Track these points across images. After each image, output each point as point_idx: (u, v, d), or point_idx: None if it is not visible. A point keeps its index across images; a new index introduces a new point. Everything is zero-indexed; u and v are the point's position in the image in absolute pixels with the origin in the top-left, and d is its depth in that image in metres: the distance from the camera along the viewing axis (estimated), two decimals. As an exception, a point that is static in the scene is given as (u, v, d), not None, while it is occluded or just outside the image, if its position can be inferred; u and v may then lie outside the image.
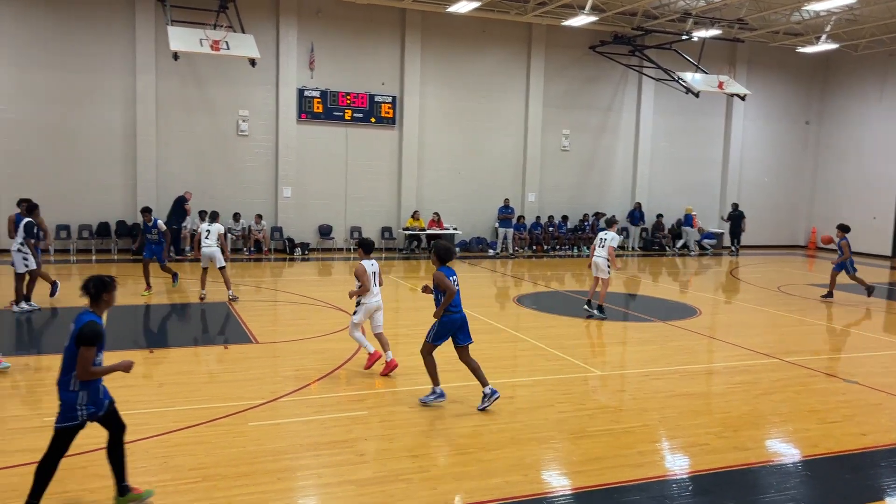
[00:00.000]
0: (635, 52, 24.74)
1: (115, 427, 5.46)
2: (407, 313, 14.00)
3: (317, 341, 10.80)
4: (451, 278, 7.76)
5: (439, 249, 7.93)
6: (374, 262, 9.16)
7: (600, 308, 13.16)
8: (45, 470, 5.13)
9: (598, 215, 25.41)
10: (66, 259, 18.84)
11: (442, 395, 8.03)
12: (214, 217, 14.14)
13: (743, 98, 24.05)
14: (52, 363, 9.13)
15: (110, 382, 5.62)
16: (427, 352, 7.90)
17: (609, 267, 12.96)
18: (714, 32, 22.84)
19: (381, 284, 9.16)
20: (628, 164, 26.47)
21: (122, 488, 5.39)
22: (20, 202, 12.77)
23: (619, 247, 14.15)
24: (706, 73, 23.34)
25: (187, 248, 20.01)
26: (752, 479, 6.43)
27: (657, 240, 26.01)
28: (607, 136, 26.08)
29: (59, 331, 11.26)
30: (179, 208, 19.87)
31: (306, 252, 21.50)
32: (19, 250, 11.98)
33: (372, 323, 9.12)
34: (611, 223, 14.08)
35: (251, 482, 5.88)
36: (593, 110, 25.70)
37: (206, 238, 13.55)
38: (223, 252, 13.61)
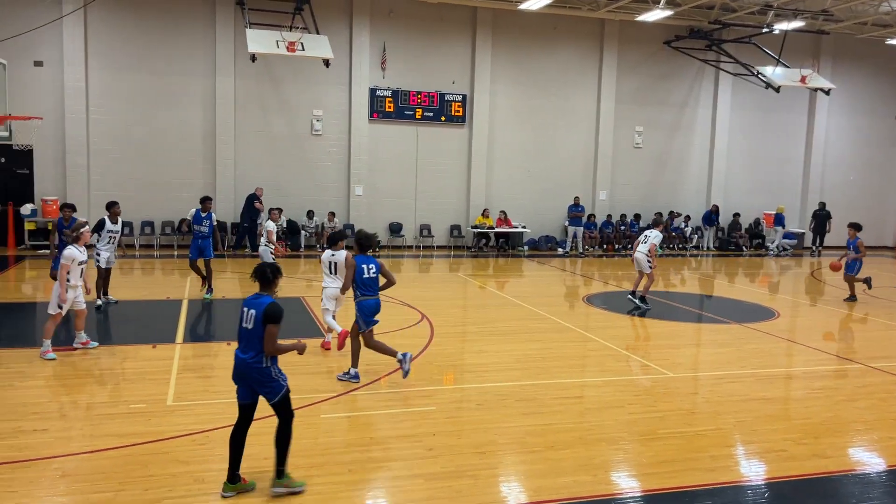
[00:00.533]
0: (712, 47, 24.07)
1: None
2: (475, 311, 14.04)
3: (385, 337, 10.90)
4: (365, 265, 8.25)
5: (359, 237, 8.45)
6: (334, 253, 9.62)
7: (643, 299, 13.40)
8: (284, 439, 5.61)
9: (672, 214, 24.87)
10: (150, 254, 19.67)
11: (356, 377, 8.48)
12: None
13: (827, 93, 23.05)
14: (131, 353, 9.57)
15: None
16: (368, 338, 8.42)
17: (650, 262, 13.35)
18: (797, 25, 22.00)
19: (335, 273, 9.62)
20: (704, 161, 25.78)
21: (279, 472, 5.62)
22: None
23: (694, 246, 14.02)
24: (788, 67, 22.48)
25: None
26: (833, 487, 6.20)
27: (734, 239, 25.25)
28: (682, 133, 25.47)
29: (130, 322, 11.78)
30: (251, 206, 20.40)
31: (377, 249, 21.75)
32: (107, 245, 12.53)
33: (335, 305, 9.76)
34: (657, 223, 14.98)
35: (323, 472, 6.02)
36: (667, 107, 25.15)
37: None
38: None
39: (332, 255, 9.62)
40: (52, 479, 5.75)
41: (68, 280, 9.27)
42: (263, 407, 5.72)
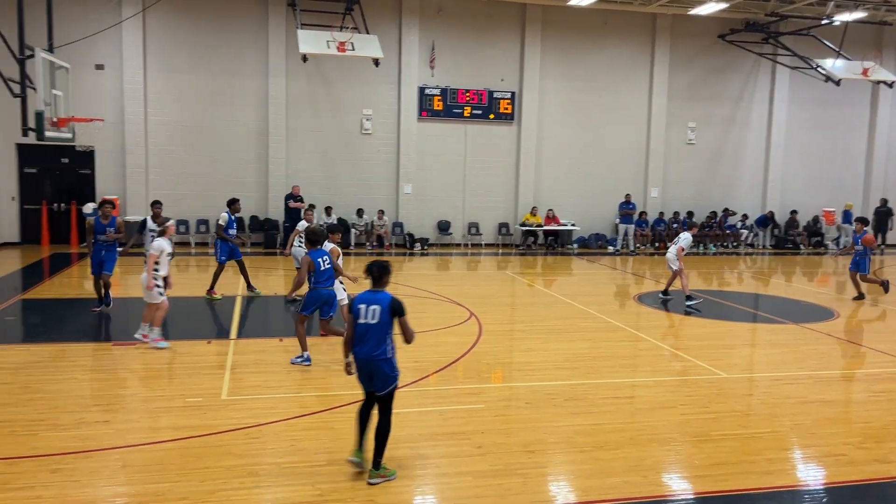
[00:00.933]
0: (769, 40, 23.45)
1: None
2: (523, 309, 13.98)
3: (434, 334, 10.98)
4: (320, 259, 8.93)
5: (308, 234, 9.23)
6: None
7: (687, 298, 13.56)
8: (385, 431, 5.91)
9: (727, 212, 24.36)
10: (205, 251, 20.13)
11: (308, 359, 9.02)
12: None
13: (890, 85, 22.19)
14: (187, 348, 9.81)
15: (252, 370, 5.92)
16: (299, 322, 9.10)
17: (677, 261, 13.56)
18: (858, 15, 21.28)
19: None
20: (759, 157, 25.16)
21: (377, 463, 5.89)
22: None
23: (749, 245, 13.77)
24: (848, 59, 21.74)
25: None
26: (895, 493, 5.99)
27: (791, 237, 24.58)
28: (737, 128, 24.90)
29: (186, 318, 12.06)
30: (285, 206, 20.45)
31: (425, 247, 21.90)
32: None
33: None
34: (690, 226, 15.18)
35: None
36: (722, 101, 24.61)
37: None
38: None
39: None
40: (114, 470, 5.94)
41: (156, 270, 9.61)
42: (292, 408, 5.80)
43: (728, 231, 24.20)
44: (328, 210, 20.80)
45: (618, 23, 23.24)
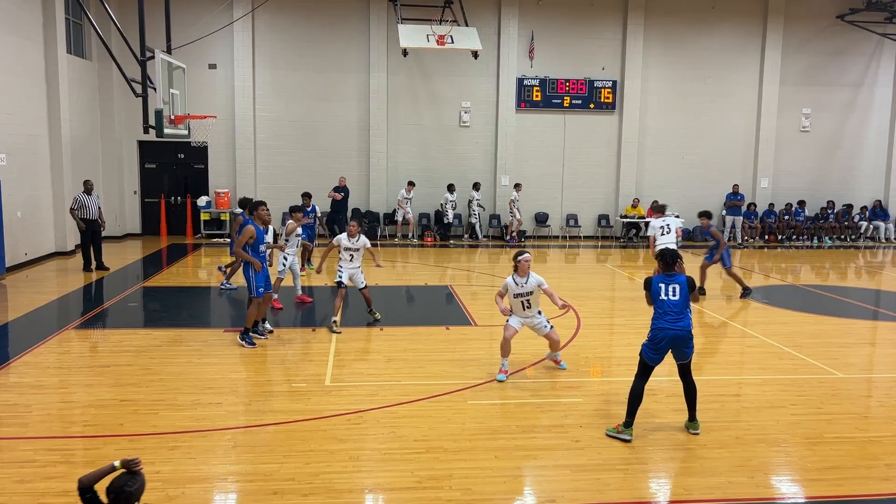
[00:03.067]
0: (893, 19, 21.88)
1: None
2: (623, 303, 13.69)
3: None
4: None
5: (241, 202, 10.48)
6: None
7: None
8: (694, 389, 6.78)
9: (847, 207, 23.00)
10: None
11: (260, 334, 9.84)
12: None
13: None
14: (293, 335, 10.18)
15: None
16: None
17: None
18: None
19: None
20: (882, 145, 23.58)
21: (692, 416, 6.83)
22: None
23: (869, 238, 12.82)
24: None
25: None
26: None
27: (916, 230, 22.93)
28: (856, 114, 23.42)
29: (290, 308, 12.48)
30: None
31: (523, 239, 21.80)
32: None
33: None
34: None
35: (470, 457, 6.14)
36: (840, 87, 23.20)
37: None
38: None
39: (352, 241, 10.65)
40: (226, 449, 6.27)
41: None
42: (392, 395, 5.89)
43: (845, 223, 22.84)
44: (450, 188, 21.43)
45: (726, 6, 22.30)
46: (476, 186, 21.50)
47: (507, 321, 8.43)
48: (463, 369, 8.65)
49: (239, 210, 12.24)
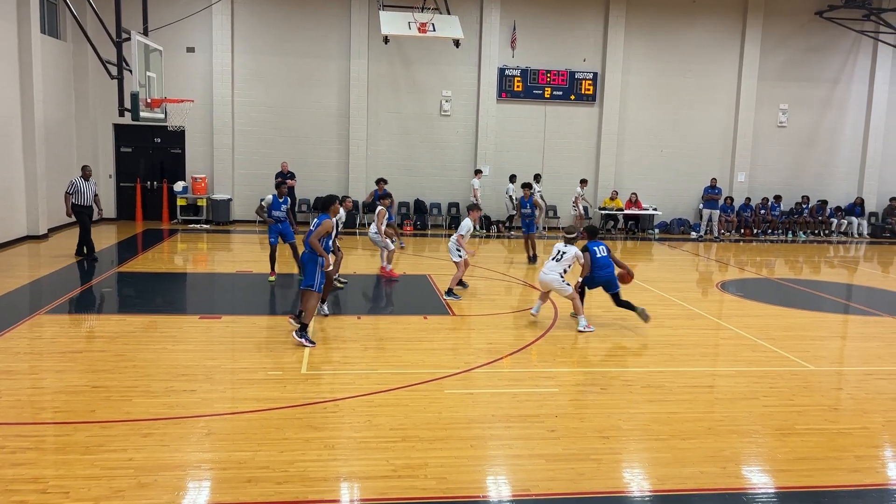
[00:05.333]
0: (871, 17, 22.14)
1: None
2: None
3: (510, 317, 10.98)
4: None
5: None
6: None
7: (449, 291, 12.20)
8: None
9: (822, 203, 23.31)
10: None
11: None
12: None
13: None
14: (269, 322, 10.12)
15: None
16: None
17: (459, 252, 12.21)
18: (972, -11, 19.82)
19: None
20: (857, 141, 23.90)
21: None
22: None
23: (843, 233, 12.83)
24: (960, 36, 20.33)
25: None
26: None
27: (889, 226, 23.29)
28: (833, 110, 23.70)
29: (268, 294, 12.40)
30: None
31: (501, 230, 21.83)
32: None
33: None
34: (471, 208, 12.82)
35: (445, 446, 6.15)
36: (817, 83, 23.45)
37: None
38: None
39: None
40: (200, 436, 6.22)
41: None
42: (368, 384, 5.86)
43: (819, 219, 23.16)
44: (512, 178, 21.25)
45: (707, 1, 22.41)
46: (512, 179, 21.41)
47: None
48: (440, 359, 8.66)
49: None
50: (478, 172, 21.41)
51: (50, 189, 17.34)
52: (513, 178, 21.34)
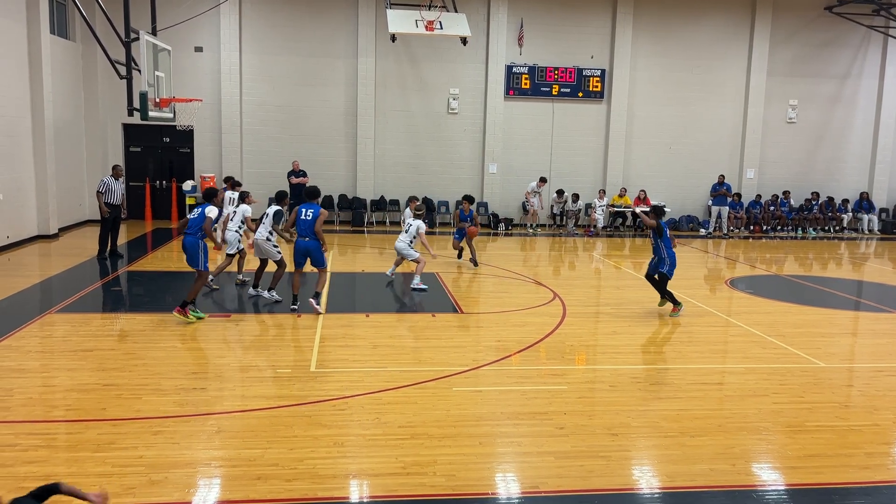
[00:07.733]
0: (881, 11, 21.99)
1: None
2: (609, 291, 13.75)
3: (517, 314, 10.97)
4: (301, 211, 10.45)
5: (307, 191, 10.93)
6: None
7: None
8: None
9: (830, 199, 23.18)
10: (295, 229, 20.71)
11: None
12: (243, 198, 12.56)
13: None
14: (278, 321, 10.15)
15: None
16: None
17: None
18: (984, -18, 19.65)
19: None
20: (867, 137, 23.74)
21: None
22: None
23: (853, 229, 12.75)
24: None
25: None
26: None
27: (899, 222, 23.15)
28: (842, 106, 23.55)
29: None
30: (288, 182, 20.34)
31: (510, 227, 21.81)
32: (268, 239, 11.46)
33: None
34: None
35: (454, 444, 6.16)
36: (827, 78, 23.30)
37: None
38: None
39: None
40: (209, 434, 6.24)
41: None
42: (377, 382, 5.88)
43: (829, 214, 23.03)
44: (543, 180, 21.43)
45: (715, -4, 22.35)
46: (543, 180, 21.45)
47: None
48: (448, 356, 8.66)
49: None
50: (542, 180, 21.42)
51: (60, 189, 17.43)
52: (543, 180, 21.44)
